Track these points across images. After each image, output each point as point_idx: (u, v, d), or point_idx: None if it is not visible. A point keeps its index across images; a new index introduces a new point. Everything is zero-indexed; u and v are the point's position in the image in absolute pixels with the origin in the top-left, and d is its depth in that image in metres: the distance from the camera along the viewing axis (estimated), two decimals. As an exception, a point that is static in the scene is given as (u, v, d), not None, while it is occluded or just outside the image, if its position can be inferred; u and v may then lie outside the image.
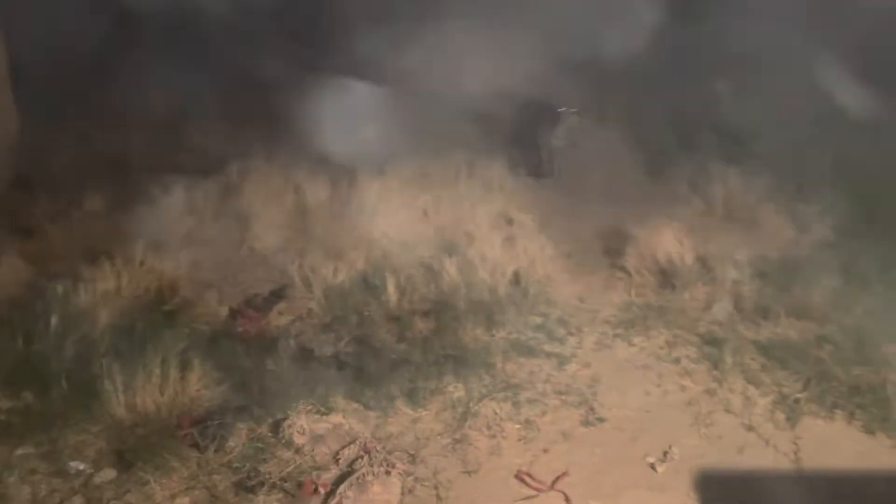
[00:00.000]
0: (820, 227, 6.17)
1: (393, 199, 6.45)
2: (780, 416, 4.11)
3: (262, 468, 3.71)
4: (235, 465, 3.72)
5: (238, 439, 3.90)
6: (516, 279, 5.56)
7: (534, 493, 3.67)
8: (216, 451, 3.78)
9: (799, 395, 4.24)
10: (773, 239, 6.06)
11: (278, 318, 5.13)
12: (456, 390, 4.39)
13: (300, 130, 6.65)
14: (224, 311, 5.16)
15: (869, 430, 4.01)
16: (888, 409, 4.07)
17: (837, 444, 3.93)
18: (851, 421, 4.08)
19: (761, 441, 3.95)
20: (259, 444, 3.87)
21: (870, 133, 6.79)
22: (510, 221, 6.43)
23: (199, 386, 4.18)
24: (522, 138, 7.79)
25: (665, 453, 3.86)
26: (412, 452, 3.94)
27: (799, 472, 3.73)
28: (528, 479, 3.74)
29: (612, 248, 6.10)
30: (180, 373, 4.16)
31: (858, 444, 3.94)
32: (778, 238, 6.08)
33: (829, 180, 6.57)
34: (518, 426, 4.13)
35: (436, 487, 3.72)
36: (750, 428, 4.05)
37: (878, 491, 3.58)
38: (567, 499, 3.61)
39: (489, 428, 4.11)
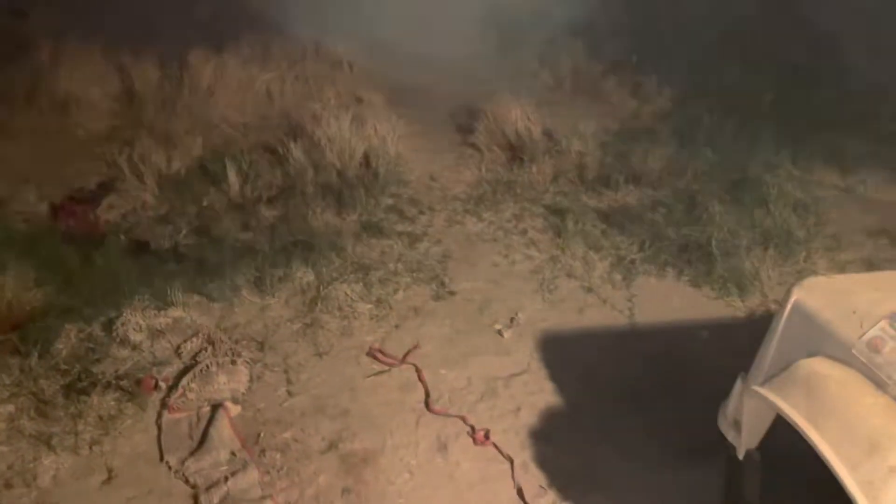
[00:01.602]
0: (658, 98, 6.37)
1: (232, 80, 6.01)
2: (618, 276, 4.33)
3: (94, 368, 3.49)
4: (64, 367, 3.48)
5: (66, 341, 3.63)
6: (366, 160, 5.41)
7: (385, 367, 3.70)
8: (41, 355, 3.50)
9: (634, 257, 4.47)
10: (616, 110, 6.21)
11: (108, 212, 4.75)
12: (305, 276, 4.28)
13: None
14: (44, 208, 4.70)
15: (695, 284, 4.31)
16: (712, 264, 4.38)
17: (668, 299, 4.21)
18: (680, 277, 4.37)
19: (599, 301, 4.17)
20: (90, 345, 3.63)
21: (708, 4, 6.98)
22: (359, 100, 6.19)
23: (17, 289, 3.81)
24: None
25: (511, 320, 3.99)
26: (260, 340, 3.84)
27: (632, 326, 3.98)
28: (379, 355, 3.75)
29: (463, 126, 6.05)
30: (-8, 278, 3.77)
31: (686, 297, 4.23)
32: (620, 109, 6.24)
33: (670, 52, 6.75)
34: (370, 306, 4.12)
35: (286, 371, 3.66)
36: (589, 290, 4.25)
37: (702, 337, 3.88)
38: (418, 370, 3.66)
39: (340, 310, 4.06)
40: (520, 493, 3.02)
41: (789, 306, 2.26)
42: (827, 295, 2.22)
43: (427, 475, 3.13)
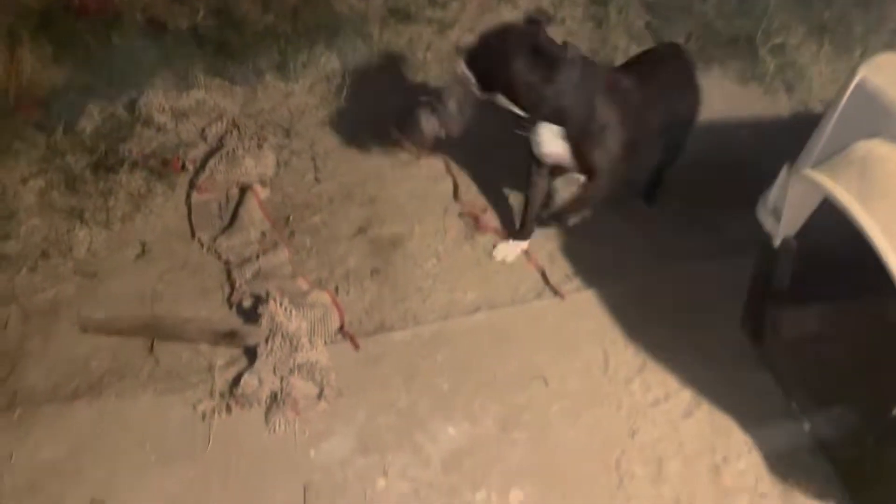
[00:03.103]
0: None
1: None
2: (659, 71, 4.08)
3: (120, 147, 3.45)
4: (90, 144, 3.44)
5: (89, 120, 3.56)
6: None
7: (414, 157, 3.62)
8: (65, 132, 3.46)
9: (679, 50, 4.19)
10: None
11: (120, -12, 4.48)
12: (330, 62, 4.09)
13: None
14: (55, -17, 4.43)
15: (741, 81, 4.07)
16: (761, 59, 4.10)
17: (710, 96, 3.91)
18: (726, 73, 4.12)
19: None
20: (114, 124, 3.56)
21: None
22: None
23: (36, 66, 3.70)
24: None
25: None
26: (286, 126, 3.75)
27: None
28: (407, 145, 3.65)
29: None
30: (9, 51, 3.64)
31: (730, 94, 4.00)
32: None
33: None
34: (399, 96, 3.97)
35: (313, 158, 3.61)
36: (628, 84, 4.02)
37: (742, 136, 3.72)
38: (446, 162, 3.59)
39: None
40: (543, 276, 3.06)
41: (853, 84, 2.08)
42: (897, 73, 2.04)
43: (454, 260, 3.16)
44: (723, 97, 3.98)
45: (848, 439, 2.36)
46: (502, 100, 2.77)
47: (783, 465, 2.40)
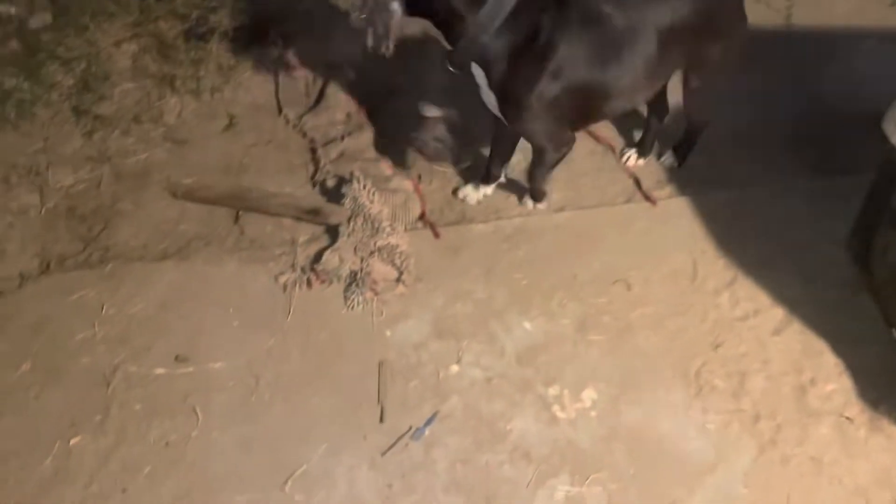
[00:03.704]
0: None
1: None
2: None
3: (211, 18, 3.40)
4: (182, 12, 3.40)
5: (182, -13, 3.52)
6: None
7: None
8: (158, -1, 3.44)
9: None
10: None
11: None
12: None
13: None
14: None
15: (870, -10, 3.71)
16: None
17: (833, 2, 3.66)
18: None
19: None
20: (204, -7, 3.51)
21: None
22: None
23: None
24: None
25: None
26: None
27: (788, 28, 3.53)
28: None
29: None
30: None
31: (854, 1, 3.67)
32: None
33: None
34: None
35: (402, 43, 3.47)
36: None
37: (866, 47, 3.42)
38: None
39: None
40: (636, 181, 2.93)
41: None
42: None
43: (542, 158, 3.04)
44: (847, 3, 3.66)
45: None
46: (431, 27, 2.35)
47: (875, 393, 2.30)
